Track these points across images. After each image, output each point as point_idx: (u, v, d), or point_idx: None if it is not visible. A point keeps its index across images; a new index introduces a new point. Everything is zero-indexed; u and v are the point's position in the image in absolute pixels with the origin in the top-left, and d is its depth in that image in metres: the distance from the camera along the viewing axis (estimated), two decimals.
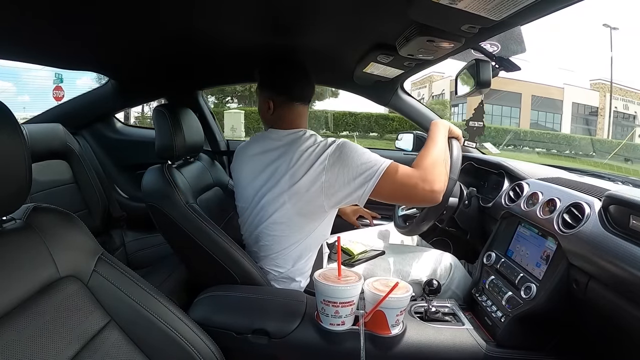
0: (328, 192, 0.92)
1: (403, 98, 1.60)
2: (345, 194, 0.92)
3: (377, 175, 0.89)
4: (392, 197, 0.94)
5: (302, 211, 0.96)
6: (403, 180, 0.90)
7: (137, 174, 1.73)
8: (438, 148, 0.96)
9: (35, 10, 0.80)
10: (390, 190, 0.90)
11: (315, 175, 0.92)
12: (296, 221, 0.97)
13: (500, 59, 1.09)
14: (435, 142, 0.97)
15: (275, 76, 1.04)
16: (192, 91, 1.75)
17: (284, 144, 0.99)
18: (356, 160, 0.91)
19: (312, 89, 1.07)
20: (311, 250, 1.04)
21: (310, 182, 0.92)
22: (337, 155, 0.92)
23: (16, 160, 0.52)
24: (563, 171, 1.16)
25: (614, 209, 0.71)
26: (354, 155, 0.92)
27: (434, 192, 0.89)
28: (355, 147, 0.94)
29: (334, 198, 0.93)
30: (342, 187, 0.91)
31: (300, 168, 0.93)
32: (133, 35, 1.05)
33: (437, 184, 0.90)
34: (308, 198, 0.93)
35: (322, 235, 1.05)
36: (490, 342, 0.83)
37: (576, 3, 0.68)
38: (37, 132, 1.35)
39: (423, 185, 0.89)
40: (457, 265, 1.13)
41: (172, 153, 1.06)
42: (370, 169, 0.90)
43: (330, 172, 0.91)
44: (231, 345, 0.79)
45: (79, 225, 0.64)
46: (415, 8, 0.71)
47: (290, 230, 0.99)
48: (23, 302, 0.52)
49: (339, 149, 0.93)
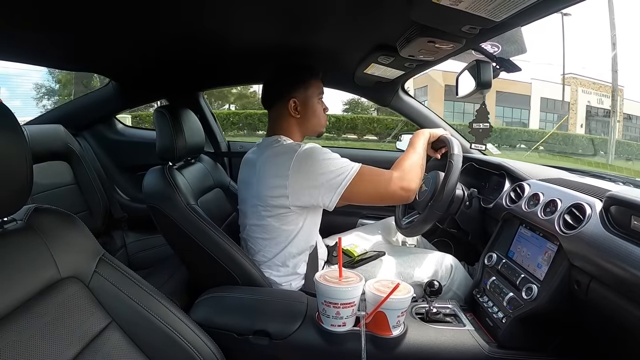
0: (292, 196, 0.93)
1: (403, 99, 1.60)
2: (309, 199, 0.93)
3: (346, 182, 0.91)
4: (365, 199, 0.97)
5: (273, 216, 0.97)
6: (375, 182, 0.94)
7: (138, 175, 1.73)
8: (417, 154, 1.02)
9: (35, 11, 0.80)
10: (362, 193, 0.94)
11: (278, 180, 0.92)
12: (273, 226, 0.98)
13: (501, 60, 1.09)
14: (415, 148, 1.04)
15: (293, 81, 1.07)
16: (193, 92, 1.75)
17: (258, 150, 1.05)
18: (323, 166, 0.92)
19: (264, 98, 1.09)
20: (297, 256, 1.03)
21: (275, 186, 0.93)
22: (302, 160, 0.92)
23: (17, 162, 0.52)
24: (564, 172, 1.16)
25: (615, 209, 0.71)
26: (321, 161, 0.92)
27: (408, 191, 0.96)
28: (323, 153, 0.94)
29: (298, 202, 0.94)
30: (306, 192, 0.92)
31: (266, 173, 0.95)
32: (134, 37, 1.05)
33: (413, 184, 0.97)
34: (274, 203, 0.95)
35: (305, 242, 1.03)
36: (492, 343, 0.83)
37: (576, 3, 0.68)
38: (38, 133, 1.36)
39: (399, 184, 0.95)
40: (457, 266, 1.13)
41: (173, 154, 1.06)
42: (338, 176, 0.91)
43: (294, 178, 0.91)
44: (232, 346, 0.79)
45: (80, 227, 0.64)
46: (416, 9, 0.71)
47: (269, 234, 1.00)
48: (24, 303, 0.52)
49: (306, 155, 0.93)
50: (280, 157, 0.94)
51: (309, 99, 1.06)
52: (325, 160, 0.93)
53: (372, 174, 0.94)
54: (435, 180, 1.10)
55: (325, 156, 0.93)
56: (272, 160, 0.95)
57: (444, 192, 1.01)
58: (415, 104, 1.61)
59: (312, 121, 1.08)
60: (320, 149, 0.95)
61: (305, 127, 1.07)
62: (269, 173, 0.95)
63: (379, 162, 1.74)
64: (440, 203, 1.02)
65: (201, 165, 1.28)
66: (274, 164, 0.94)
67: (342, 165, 0.93)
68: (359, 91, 1.61)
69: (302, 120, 1.06)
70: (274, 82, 1.08)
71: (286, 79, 1.06)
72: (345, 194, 0.91)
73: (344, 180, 0.91)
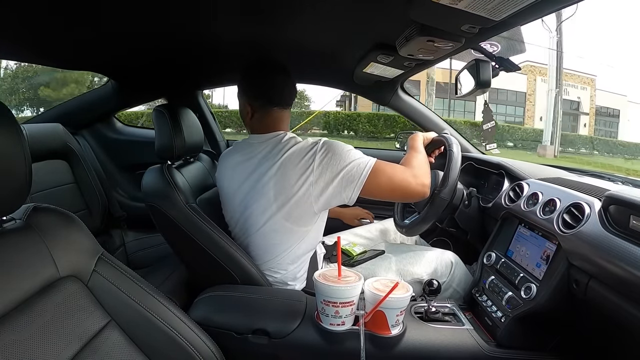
0: (316, 193, 0.91)
1: (403, 98, 1.59)
2: (333, 194, 0.91)
3: (365, 174, 0.90)
4: (383, 194, 0.94)
5: (291, 217, 0.94)
6: (393, 176, 0.93)
7: (137, 174, 1.73)
8: (420, 153, 1.03)
9: (34, 10, 0.80)
10: (380, 186, 0.92)
11: (302, 178, 0.91)
12: (287, 228, 0.96)
13: (501, 59, 1.09)
14: (416, 149, 1.04)
15: (250, 81, 1.03)
16: (192, 91, 1.75)
17: (265, 149, 0.98)
18: (343, 159, 0.91)
19: (290, 93, 1.05)
20: (304, 255, 1.02)
21: (298, 185, 0.91)
22: (323, 155, 0.91)
23: (16, 160, 0.52)
24: (563, 171, 1.16)
25: (614, 209, 0.71)
26: (340, 154, 0.92)
27: (424, 186, 0.95)
28: (341, 146, 0.94)
29: (322, 199, 0.92)
30: (330, 187, 0.91)
31: (285, 172, 0.92)
32: (133, 36, 1.05)
33: (426, 179, 0.97)
34: (296, 202, 0.92)
35: (315, 240, 1.03)
36: (491, 342, 0.83)
37: (576, 3, 0.68)
38: (37, 132, 1.35)
39: (415, 180, 0.94)
40: (457, 262, 1.13)
41: (172, 153, 1.06)
42: (357, 167, 0.90)
43: (318, 173, 0.90)
44: (231, 345, 0.79)
45: (79, 225, 0.64)
46: (415, 8, 0.71)
47: (281, 238, 0.97)
48: (23, 302, 0.52)
49: (325, 149, 0.92)
50: (301, 154, 0.92)
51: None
52: (346, 152, 0.92)
53: (389, 168, 0.93)
54: (435, 180, 1.11)
55: (344, 147, 0.94)
56: (294, 159, 0.92)
57: (449, 178, 1.03)
58: (414, 104, 1.61)
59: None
60: (336, 142, 0.95)
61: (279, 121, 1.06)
62: (292, 172, 0.91)
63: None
64: (447, 189, 1.04)
65: (200, 164, 1.28)
66: (296, 163, 0.92)
67: (360, 156, 0.93)
68: (358, 90, 1.61)
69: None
70: (294, 84, 1.06)
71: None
72: (365, 187, 0.90)
73: (362, 171, 0.90)
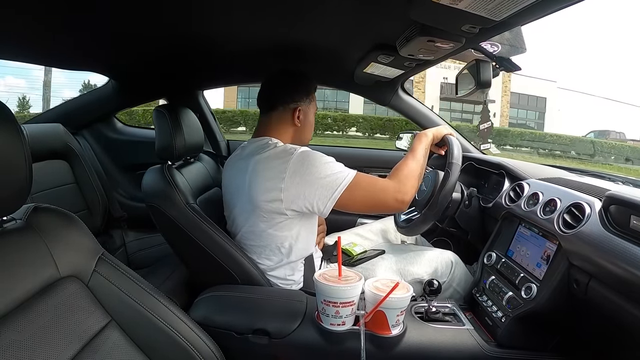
0: (287, 201, 0.90)
1: (403, 98, 1.59)
2: (304, 203, 0.91)
3: (341, 188, 0.89)
4: (359, 207, 0.94)
5: (266, 220, 0.95)
6: (370, 190, 0.92)
7: (137, 174, 1.73)
8: (416, 161, 0.99)
9: (35, 11, 0.80)
10: (357, 200, 0.91)
11: (271, 183, 0.90)
12: (265, 232, 0.96)
13: (501, 59, 1.09)
14: (415, 155, 1.00)
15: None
16: (192, 91, 1.75)
17: (247, 153, 1.00)
18: (319, 171, 0.90)
19: (266, 98, 1.06)
20: (293, 262, 1.01)
21: (269, 189, 0.91)
22: (298, 165, 0.90)
23: (16, 160, 0.52)
24: (563, 171, 1.16)
25: (615, 209, 0.71)
26: (316, 165, 0.90)
27: (402, 203, 0.94)
28: (318, 157, 0.92)
29: (294, 207, 0.91)
30: (301, 196, 0.90)
31: (259, 176, 0.92)
32: (133, 36, 1.05)
33: (407, 196, 0.94)
34: (268, 207, 0.92)
35: (302, 249, 1.01)
36: (491, 342, 0.83)
37: (576, 3, 0.68)
38: (37, 132, 1.35)
39: (394, 195, 0.92)
40: (458, 262, 1.13)
41: (172, 153, 1.06)
42: (332, 182, 0.89)
43: (289, 181, 0.89)
44: (232, 345, 0.79)
45: (80, 226, 0.64)
46: (415, 8, 0.71)
47: (262, 241, 0.97)
48: (23, 302, 0.52)
49: (301, 159, 0.91)
50: (275, 160, 0.92)
51: (310, 110, 1.07)
52: (322, 164, 0.91)
53: (367, 182, 0.92)
54: (435, 180, 1.10)
55: (322, 160, 0.92)
56: (267, 164, 0.93)
57: (439, 199, 1.01)
58: (415, 104, 1.61)
59: (307, 132, 1.08)
60: (315, 152, 0.94)
61: (299, 136, 1.06)
62: (263, 176, 0.92)
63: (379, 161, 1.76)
64: (435, 210, 1.02)
65: (200, 164, 1.28)
66: (269, 168, 0.92)
67: (339, 170, 0.91)
68: (358, 90, 1.61)
69: (300, 130, 1.05)
70: (283, 85, 1.06)
71: (296, 86, 1.05)
72: (340, 201, 0.90)
73: (339, 185, 0.89)
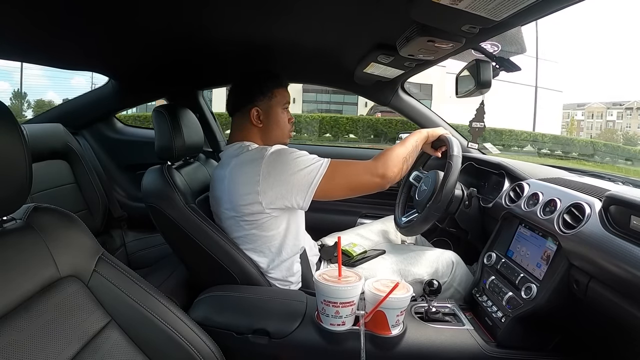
0: (265, 201, 0.91)
1: (403, 98, 1.59)
2: (283, 201, 0.91)
3: (318, 179, 0.89)
4: (340, 193, 0.94)
5: (251, 223, 0.95)
6: (347, 174, 0.93)
7: (137, 174, 1.73)
8: (403, 147, 1.00)
9: (35, 11, 0.80)
10: (335, 188, 0.92)
11: (249, 187, 0.91)
12: (254, 234, 0.96)
13: (501, 59, 1.09)
14: (404, 143, 1.02)
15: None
16: (192, 91, 1.75)
17: (223, 161, 1.02)
18: (293, 166, 0.90)
19: (227, 103, 1.07)
20: (288, 259, 1.01)
21: (246, 193, 0.91)
22: (270, 166, 0.90)
23: (16, 160, 0.52)
24: (563, 171, 1.16)
25: (615, 209, 0.71)
26: (288, 162, 0.91)
27: (383, 178, 0.94)
28: (289, 153, 0.92)
29: (273, 205, 0.92)
30: (279, 195, 0.90)
31: (236, 182, 0.93)
32: (133, 36, 1.05)
33: (389, 171, 0.94)
34: (249, 210, 0.93)
35: (292, 245, 1.01)
36: (491, 343, 0.83)
37: (576, 3, 0.68)
38: (37, 132, 1.35)
39: (373, 171, 0.93)
40: (458, 262, 1.13)
41: (172, 154, 1.06)
42: (307, 174, 0.90)
43: (264, 184, 0.90)
44: (231, 345, 0.79)
45: (80, 225, 0.64)
46: (415, 8, 0.71)
47: (253, 244, 0.98)
48: (23, 302, 0.52)
49: (274, 157, 0.91)
50: (248, 164, 0.92)
51: (272, 108, 1.05)
52: (294, 159, 0.91)
53: (343, 167, 0.93)
54: (435, 180, 1.10)
55: (294, 155, 0.92)
56: (241, 169, 0.93)
57: (442, 193, 1.01)
58: (415, 104, 1.61)
59: (275, 131, 1.06)
60: (287, 148, 0.94)
61: (267, 136, 1.05)
62: (239, 181, 0.92)
63: None
64: (439, 204, 1.02)
65: (200, 164, 1.28)
66: (243, 172, 0.92)
67: (312, 162, 0.91)
68: (358, 90, 1.61)
69: (265, 130, 1.05)
70: (237, 88, 1.06)
71: (249, 87, 1.04)
72: (318, 192, 0.90)
73: (314, 177, 0.89)
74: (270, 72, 1.07)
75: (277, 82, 1.06)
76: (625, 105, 25.08)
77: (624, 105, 25.08)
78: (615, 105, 25.77)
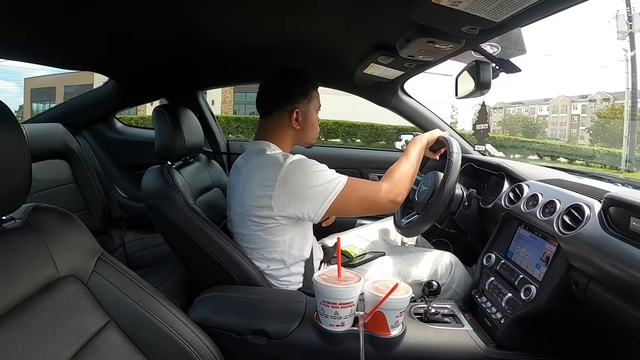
0: (277, 207, 0.90)
1: (403, 99, 1.60)
2: (295, 211, 0.91)
3: (333, 196, 0.90)
4: (352, 212, 0.96)
5: (257, 224, 0.95)
6: (362, 195, 0.94)
7: (137, 174, 1.73)
8: (409, 164, 1.01)
9: (35, 11, 0.80)
10: (349, 206, 0.93)
11: (264, 191, 0.91)
12: (258, 235, 0.96)
13: (501, 61, 1.09)
14: (408, 158, 1.02)
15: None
16: (192, 91, 1.75)
17: (246, 155, 1.02)
18: (312, 179, 0.90)
19: (263, 103, 1.04)
20: (291, 265, 1.00)
21: (259, 196, 0.91)
22: (288, 174, 0.89)
23: (16, 160, 0.52)
24: (563, 172, 1.16)
25: (614, 210, 0.71)
26: (308, 173, 0.90)
27: (395, 203, 0.96)
28: (309, 166, 0.92)
29: (284, 213, 0.92)
30: (292, 204, 0.90)
31: (251, 182, 0.93)
32: (133, 36, 1.05)
33: (400, 197, 0.97)
34: (259, 213, 0.92)
35: (297, 255, 1.00)
36: (490, 344, 0.83)
37: (576, 4, 0.69)
38: (37, 131, 1.35)
39: (387, 196, 0.94)
40: (457, 264, 1.13)
41: (172, 154, 1.06)
42: (325, 190, 0.90)
43: (279, 190, 0.89)
44: (231, 345, 0.79)
45: (79, 225, 0.64)
46: (416, 9, 0.71)
47: (255, 244, 0.98)
48: (22, 302, 0.52)
49: (293, 167, 0.90)
50: (266, 167, 0.92)
51: (310, 110, 1.04)
52: (313, 173, 0.91)
53: (359, 188, 0.93)
54: (434, 180, 1.11)
55: (313, 168, 0.91)
56: (259, 170, 0.93)
57: (444, 189, 1.01)
58: (415, 105, 1.61)
59: (309, 133, 1.06)
60: (307, 160, 0.93)
61: (301, 138, 1.05)
62: (255, 182, 0.92)
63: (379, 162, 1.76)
64: (441, 201, 1.02)
65: (200, 164, 1.28)
66: (260, 175, 0.92)
67: (330, 178, 0.91)
68: (358, 91, 1.61)
69: (300, 132, 1.03)
70: (277, 89, 1.03)
71: (291, 89, 1.02)
72: (333, 208, 0.90)
73: (330, 194, 0.90)
74: (306, 72, 1.05)
75: (315, 83, 1.06)
76: (588, 97, 24.97)
77: (587, 97, 25.02)
78: (580, 98, 25.77)
